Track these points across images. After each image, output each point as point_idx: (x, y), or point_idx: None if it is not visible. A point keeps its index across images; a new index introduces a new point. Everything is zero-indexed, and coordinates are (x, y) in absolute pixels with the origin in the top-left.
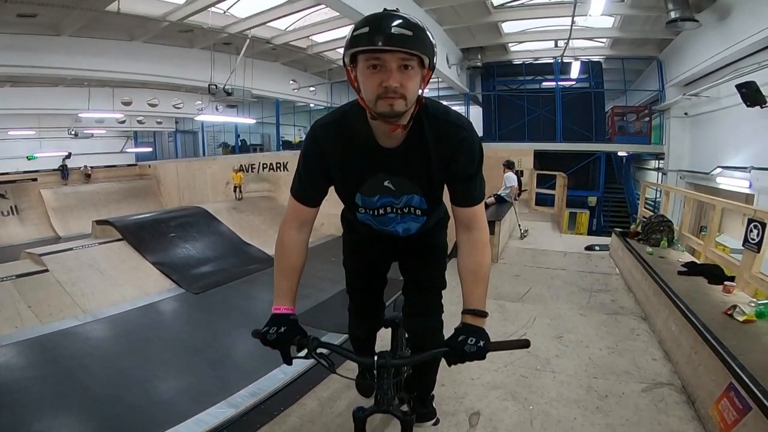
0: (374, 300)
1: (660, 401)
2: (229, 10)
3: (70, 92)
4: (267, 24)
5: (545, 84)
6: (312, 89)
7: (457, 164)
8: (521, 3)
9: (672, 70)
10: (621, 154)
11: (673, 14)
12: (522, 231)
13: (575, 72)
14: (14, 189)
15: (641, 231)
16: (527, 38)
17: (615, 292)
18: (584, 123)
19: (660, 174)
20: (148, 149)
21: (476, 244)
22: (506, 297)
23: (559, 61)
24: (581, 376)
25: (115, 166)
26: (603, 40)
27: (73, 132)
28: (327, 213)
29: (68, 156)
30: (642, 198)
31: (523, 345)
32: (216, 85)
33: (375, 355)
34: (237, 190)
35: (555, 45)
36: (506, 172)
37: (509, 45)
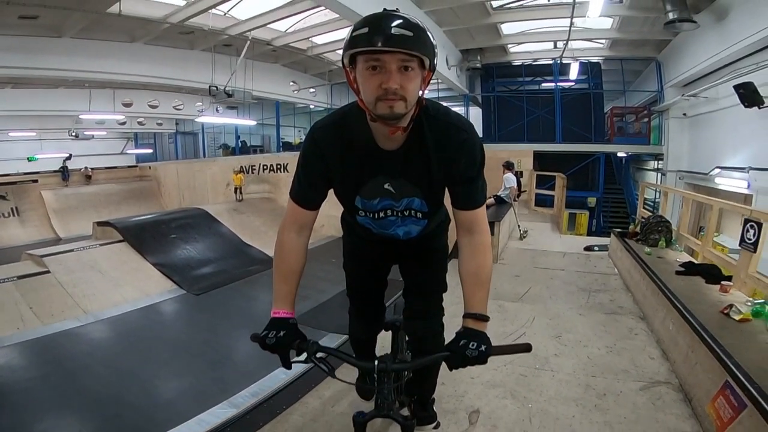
0: (374, 303)
1: (657, 399)
2: (230, 12)
3: (71, 94)
4: (267, 26)
5: (544, 85)
6: (312, 91)
7: (458, 167)
8: (520, 4)
9: (671, 71)
10: (620, 155)
11: (671, 15)
12: (521, 232)
13: (574, 73)
14: (15, 190)
15: (640, 231)
16: (526, 39)
17: (614, 292)
18: (583, 124)
19: (659, 174)
20: (149, 151)
21: (478, 248)
22: (506, 297)
23: (558, 62)
24: (580, 375)
25: (116, 168)
26: (602, 41)
27: (74, 133)
28: (327, 214)
29: (69, 157)
30: (641, 199)
31: (525, 349)
32: (216, 87)
33: (375, 360)
34: (237, 192)
35: (554, 46)
36: (506, 173)
37: (508, 46)
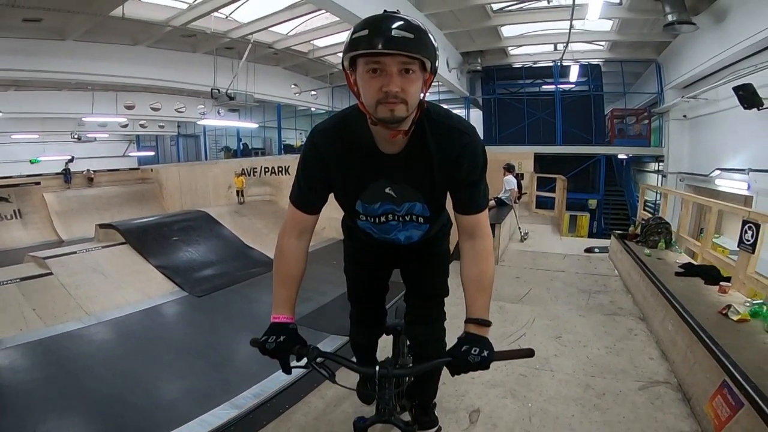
0: (375, 307)
1: (656, 399)
2: (232, 15)
3: (74, 96)
4: (269, 29)
5: (545, 87)
6: (313, 93)
7: (460, 171)
8: (520, 7)
9: (671, 73)
10: (621, 157)
11: (671, 17)
12: (522, 234)
13: (574, 75)
14: (17, 193)
15: (640, 233)
16: (527, 42)
17: (614, 293)
18: (584, 126)
19: (660, 176)
20: (151, 153)
21: (480, 253)
22: (506, 298)
23: (559, 65)
24: (579, 375)
25: (118, 170)
26: (602, 43)
27: (76, 136)
28: (328, 217)
29: (71, 160)
30: (641, 200)
31: (527, 354)
32: (218, 90)
33: (377, 365)
34: (239, 194)
35: (554, 48)
36: (506, 176)
37: (509, 49)
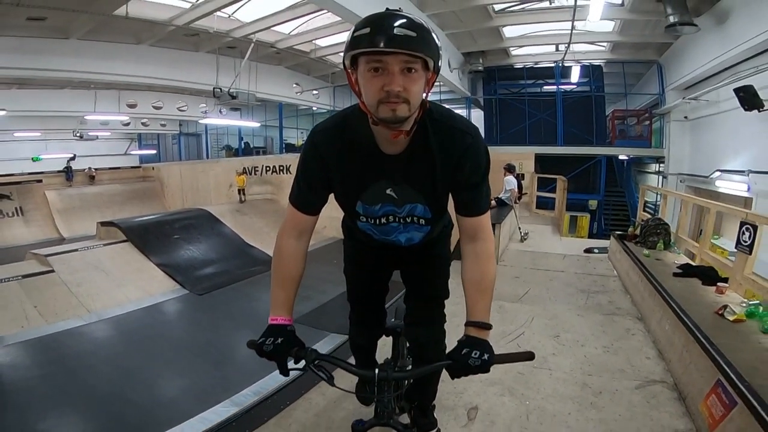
0: (375, 308)
1: (652, 398)
2: (234, 15)
3: (77, 95)
4: (271, 28)
5: (546, 88)
6: (315, 92)
7: (463, 172)
8: (522, 8)
9: (672, 74)
10: (622, 158)
11: (672, 18)
12: (522, 234)
13: (576, 76)
14: (19, 190)
15: (639, 234)
16: (528, 42)
17: (612, 294)
18: (585, 126)
19: (660, 177)
20: (152, 151)
21: (481, 255)
22: (506, 298)
23: (560, 65)
24: (576, 374)
25: (119, 168)
26: (603, 44)
27: (78, 134)
28: (329, 216)
29: (73, 158)
30: (641, 201)
31: (528, 357)
32: (221, 89)
33: (376, 368)
34: (240, 193)
35: (556, 49)
36: (506, 176)
37: (510, 49)
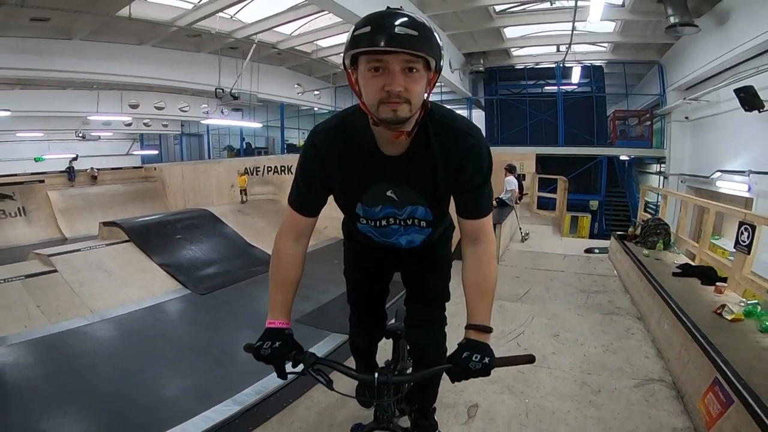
0: (375, 310)
1: (651, 396)
2: (236, 16)
3: (79, 95)
4: (273, 29)
5: (547, 88)
6: (316, 93)
7: (464, 174)
8: (523, 9)
9: (673, 75)
10: (623, 158)
11: (673, 19)
12: (523, 234)
13: (577, 76)
14: (22, 190)
15: (639, 234)
16: (529, 43)
17: (612, 293)
18: (586, 127)
19: (661, 178)
20: (154, 152)
21: (483, 258)
22: (506, 297)
23: (561, 66)
24: (576, 372)
25: (121, 169)
26: (604, 45)
27: (81, 134)
28: (330, 216)
29: (75, 158)
30: (641, 202)
31: (528, 360)
32: (223, 89)
33: (376, 371)
34: (242, 193)
35: (557, 49)
36: (507, 176)
37: (511, 50)
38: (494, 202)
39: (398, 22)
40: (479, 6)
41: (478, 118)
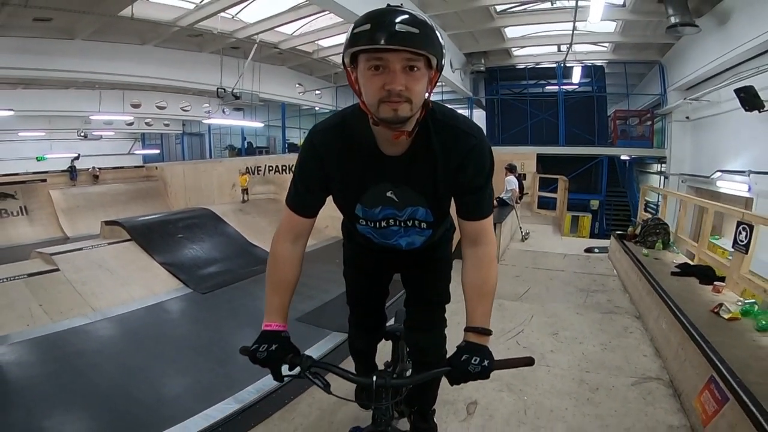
0: (375, 312)
1: (648, 394)
2: (238, 16)
3: (81, 95)
4: (274, 29)
5: (548, 88)
6: (318, 93)
7: (466, 174)
8: (524, 9)
9: (674, 74)
10: (623, 158)
11: (673, 19)
12: (523, 233)
13: (577, 76)
14: (24, 189)
15: (639, 234)
16: (530, 43)
17: (611, 293)
18: (587, 127)
19: (662, 177)
20: (156, 151)
21: (483, 259)
22: (506, 296)
23: (562, 66)
24: (574, 371)
25: (123, 168)
26: (605, 45)
27: (83, 134)
28: (330, 215)
29: (77, 157)
30: (641, 201)
31: (528, 363)
32: (224, 89)
33: (374, 375)
34: (244, 193)
35: (558, 49)
36: (508, 176)
37: (512, 49)
38: (495, 202)
39: (399, 20)
40: (480, 6)
41: (479, 118)
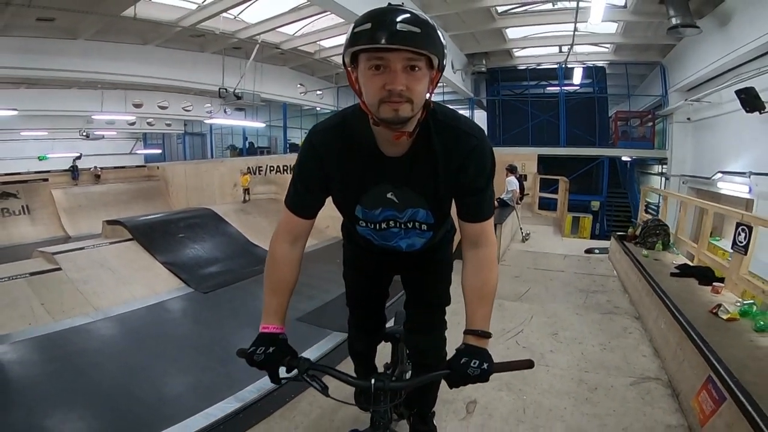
0: (374, 313)
1: (646, 394)
2: (240, 16)
3: (84, 94)
4: (276, 29)
5: (549, 89)
6: (319, 93)
7: (466, 175)
8: (525, 9)
9: (675, 76)
10: (624, 159)
11: (674, 20)
12: (524, 234)
13: (579, 77)
14: (26, 189)
15: (639, 235)
16: (531, 44)
17: (611, 293)
18: (588, 128)
19: (663, 179)
20: (157, 151)
21: (483, 262)
22: (506, 297)
23: (563, 67)
24: (573, 370)
25: (125, 168)
26: (606, 46)
27: (85, 133)
28: (331, 216)
29: (79, 157)
30: (642, 202)
31: (527, 366)
32: (226, 89)
33: (372, 378)
34: (245, 193)
35: (559, 50)
36: (508, 177)
37: (513, 50)
38: (495, 203)
39: (400, 19)
40: (481, 7)
41: (480, 119)
